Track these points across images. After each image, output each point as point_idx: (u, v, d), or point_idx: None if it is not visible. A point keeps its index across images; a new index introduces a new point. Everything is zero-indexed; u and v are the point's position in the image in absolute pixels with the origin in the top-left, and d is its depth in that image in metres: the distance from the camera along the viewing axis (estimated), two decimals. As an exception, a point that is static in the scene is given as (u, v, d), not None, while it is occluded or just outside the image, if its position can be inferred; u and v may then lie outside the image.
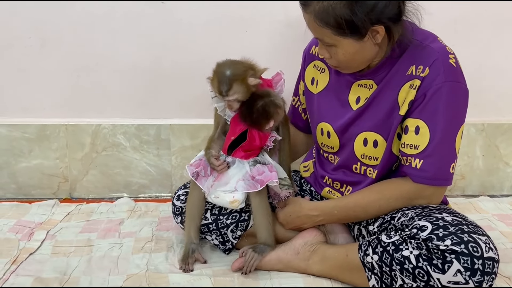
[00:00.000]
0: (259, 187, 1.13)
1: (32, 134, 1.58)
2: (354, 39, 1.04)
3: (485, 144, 1.64)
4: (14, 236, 1.33)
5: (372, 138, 1.13)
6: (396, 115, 1.10)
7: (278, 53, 1.51)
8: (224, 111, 1.17)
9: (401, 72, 1.09)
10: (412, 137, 1.07)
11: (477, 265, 0.94)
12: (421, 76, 1.06)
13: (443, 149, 1.07)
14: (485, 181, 1.66)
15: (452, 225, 0.98)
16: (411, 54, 1.09)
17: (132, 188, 1.63)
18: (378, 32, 1.04)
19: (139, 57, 1.55)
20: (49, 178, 1.61)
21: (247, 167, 1.16)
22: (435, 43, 1.09)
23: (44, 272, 1.17)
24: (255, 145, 1.16)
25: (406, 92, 1.08)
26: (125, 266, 1.19)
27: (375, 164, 1.15)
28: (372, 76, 1.13)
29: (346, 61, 1.08)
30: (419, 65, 1.07)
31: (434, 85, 1.04)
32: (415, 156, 1.07)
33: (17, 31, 1.52)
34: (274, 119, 1.13)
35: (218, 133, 1.20)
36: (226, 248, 1.25)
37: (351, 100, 1.17)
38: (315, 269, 1.14)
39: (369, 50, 1.07)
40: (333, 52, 1.08)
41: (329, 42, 1.06)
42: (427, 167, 1.06)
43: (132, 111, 1.60)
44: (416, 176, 1.07)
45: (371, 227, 1.15)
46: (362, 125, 1.14)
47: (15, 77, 1.56)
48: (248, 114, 1.12)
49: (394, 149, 1.12)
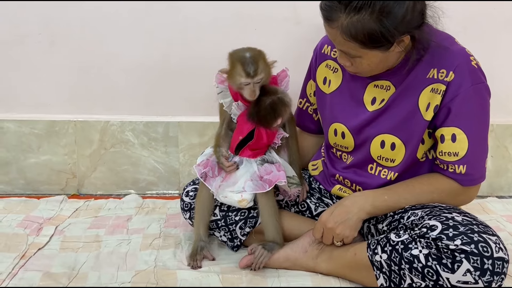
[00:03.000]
0: (268, 188, 1.13)
1: (41, 130, 1.59)
2: (381, 50, 1.03)
3: (494, 145, 1.63)
4: (22, 231, 1.33)
5: (390, 141, 1.13)
6: (419, 120, 1.10)
7: (287, 51, 1.50)
8: (230, 107, 1.16)
9: (421, 75, 1.09)
10: (450, 145, 1.08)
11: (486, 265, 0.94)
12: (445, 81, 1.06)
13: (481, 150, 1.10)
14: (494, 182, 1.65)
15: (462, 224, 0.98)
16: (431, 56, 1.08)
17: (140, 185, 1.63)
18: (404, 41, 1.03)
19: (147, 54, 1.55)
20: (58, 174, 1.61)
21: (255, 166, 1.16)
22: (454, 45, 1.09)
23: (52, 267, 1.17)
24: (262, 143, 1.16)
25: (428, 97, 1.08)
26: (133, 262, 1.20)
27: (391, 165, 1.15)
28: (389, 77, 1.13)
29: (369, 70, 1.08)
30: (441, 68, 1.07)
31: (463, 91, 1.05)
32: (457, 163, 1.08)
33: (27, 28, 1.53)
34: (282, 117, 1.13)
35: (225, 129, 1.19)
36: (235, 245, 1.25)
37: (366, 100, 1.16)
38: (323, 268, 1.14)
39: (393, 58, 1.07)
40: (358, 62, 1.07)
41: (355, 54, 1.05)
42: (472, 171, 1.09)
43: (141, 108, 1.60)
44: (464, 180, 1.10)
45: (381, 225, 1.15)
46: (379, 127, 1.14)
47: (25, 73, 1.57)
48: (256, 112, 1.12)
49: (418, 154, 1.13)
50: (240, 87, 1.11)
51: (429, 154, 1.15)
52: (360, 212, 1.10)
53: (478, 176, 1.11)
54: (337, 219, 1.09)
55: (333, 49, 1.21)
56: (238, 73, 1.09)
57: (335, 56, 1.21)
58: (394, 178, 1.15)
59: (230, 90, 1.16)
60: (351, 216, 1.09)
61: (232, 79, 1.12)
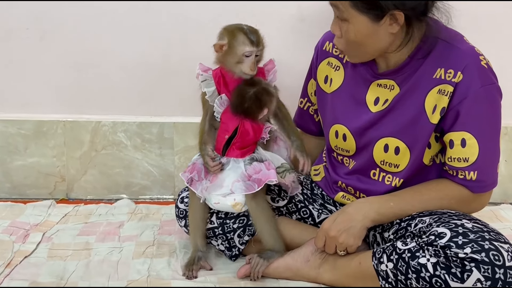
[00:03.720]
0: (257, 188, 1.09)
1: (29, 130, 1.57)
2: (370, 18, 1.00)
3: (507, 148, 1.60)
4: (8, 237, 1.31)
5: (394, 145, 1.10)
6: (425, 123, 1.07)
7: (290, 48, 1.49)
8: (212, 97, 1.14)
9: (427, 75, 1.06)
10: (459, 151, 1.05)
11: (498, 274, 0.91)
12: (453, 82, 1.03)
13: (492, 155, 1.08)
14: (508, 188, 1.63)
15: (472, 232, 0.96)
16: (438, 55, 1.05)
17: (132, 189, 1.61)
18: (397, 19, 1.00)
19: (141, 51, 1.53)
20: (45, 177, 1.59)
21: (242, 166, 1.12)
22: (463, 44, 1.06)
23: (40, 276, 1.14)
24: (249, 140, 1.13)
25: (435, 98, 1.05)
26: (125, 272, 1.17)
27: (395, 171, 1.12)
28: (393, 76, 1.10)
29: (356, 42, 1.04)
30: (449, 68, 1.04)
31: (472, 93, 1.02)
32: (468, 169, 1.05)
33: (14, 21, 1.51)
34: (267, 107, 1.11)
35: (208, 123, 1.16)
36: (233, 254, 1.21)
37: (369, 100, 1.13)
38: (326, 278, 1.11)
39: (382, 38, 1.03)
40: (345, 29, 1.04)
41: (344, 14, 1.02)
42: (483, 177, 1.06)
43: (134, 108, 1.58)
44: (475, 186, 1.07)
45: (387, 233, 1.12)
46: (383, 130, 1.11)
47: (12, 70, 1.55)
48: (240, 104, 1.09)
49: (425, 159, 1.11)
50: (240, 60, 1.09)
51: (436, 158, 1.12)
52: (365, 219, 1.07)
53: (490, 183, 1.08)
54: (340, 227, 1.06)
55: (335, 47, 1.18)
56: (241, 42, 1.08)
57: (337, 53, 1.19)
58: (399, 184, 1.12)
59: (215, 80, 1.13)
60: (355, 224, 1.06)
61: (231, 51, 1.10)
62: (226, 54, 1.10)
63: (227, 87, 1.13)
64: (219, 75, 1.13)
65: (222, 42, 1.11)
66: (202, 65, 1.15)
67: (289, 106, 1.20)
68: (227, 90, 1.13)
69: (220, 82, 1.13)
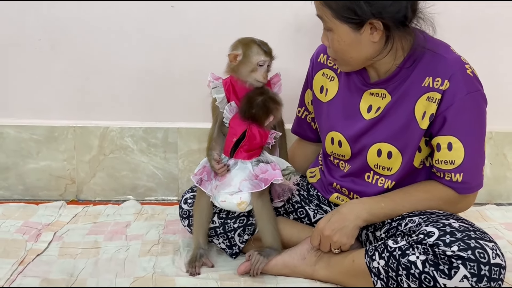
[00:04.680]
0: (264, 186, 1.13)
1: (41, 135, 1.60)
2: (351, 27, 1.04)
3: (492, 152, 1.63)
4: (21, 237, 1.33)
5: (386, 149, 1.13)
6: (415, 129, 1.10)
7: (288, 57, 1.48)
8: (222, 103, 1.18)
9: (416, 83, 1.09)
10: (446, 154, 1.08)
11: (483, 271, 0.94)
12: (440, 89, 1.06)
13: (477, 158, 1.10)
14: (493, 189, 1.65)
15: (459, 231, 0.98)
16: (426, 64, 1.09)
17: (138, 191, 1.64)
18: (376, 28, 1.04)
19: (147, 60, 1.56)
20: (57, 180, 1.62)
21: (250, 166, 1.17)
22: (450, 54, 1.09)
23: (51, 273, 1.17)
24: (256, 144, 1.17)
25: (424, 105, 1.08)
26: (132, 269, 1.19)
27: (388, 174, 1.15)
28: (384, 85, 1.13)
29: (341, 51, 1.08)
30: (436, 77, 1.07)
31: (458, 99, 1.05)
32: (454, 171, 1.08)
33: (27, 32, 1.54)
34: (273, 115, 1.16)
35: (217, 130, 1.21)
36: (233, 252, 1.25)
37: (362, 108, 1.16)
38: (321, 275, 1.14)
39: (365, 47, 1.07)
40: (331, 38, 1.08)
41: (328, 24, 1.07)
42: (468, 179, 1.09)
43: (140, 114, 1.61)
44: (461, 188, 1.10)
45: (379, 232, 1.15)
46: (376, 136, 1.14)
47: (25, 78, 1.58)
48: (248, 109, 1.15)
49: (415, 162, 1.13)
50: (254, 69, 1.15)
51: (426, 161, 1.15)
52: (357, 219, 1.10)
53: (475, 184, 1.11)
54: (334, 227, 1.09)
55: (329, 58, 1.22)
56: (256, 52, 1.15)
57: (331, 65, 1.22)
58: (391, 186, 1.15)
59: (224, 87, 1.18)
60: (348, 223, 1.09)
61: (246, 60, 1.15)
62: (240, 63, 1.16)
63: (236, 95, 1.18)
64: (229, 83, 1.18)
65: (237, 52, 1.16)
66: (214, 74, 1.20)
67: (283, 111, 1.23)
68: (237, 97, 1.17)
69: (230, 90, 1.18)
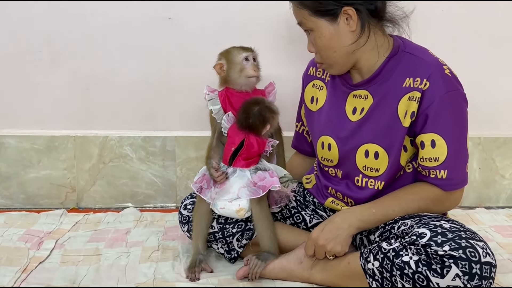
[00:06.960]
0: (262, 193, 1.15)
1: (41, 145, 1.61)
2: (327, 20, 1.09)
3: (481, 157, 1.67)
4: (24, 245, 1.34)
5: (373, 150, 1.16)
6: (399, 128, 1.13)
7: (282, 68, 1.54)
8: (219, 114, 1.21)
9: (397, 84, 1.13)
10: (430, 151, 1.11)
11: (475, 269, 0.96)
12: (420, 88, 1.10)
13: (460, 154, 1.12)
14: (482, 193, 1.68)
15: (450, 231, 1.01)
16: (405, 66, 1.13)
17: (138, 198, 1.65)
18: (350, 15, 1.09)
19: (146, 71, 1.59)
20: (57, 188, 1.63)
21: (248, 174, 1.19)
22: (428, 56, 1.13)
23: (54, 281, 1.17)
24: (254, 152, 1.19)
25: (406, 104, 1.12)
26: (133, 275, 1.20)
27: (376, 175, 1.17)
28: (365, 86, 1.17)
29: (324, 47, 1.12)
30: (416, 77, 1.11)
31: (438, 98, 1.08)
32: (438, 168, 1.11)
33: (28, 45, 1.57)
34: (270, 123, 1.18)
35: (216, 140, 1.23)
36: (232, 257, 1.26)
37: (348, 110, 1.20)
38: (318, 278, 1.16)
39: (344, 37, 1.10)
40: (313, 38, 1.13)
41: (307, 25, 1.11)
42: (452, 175, 1.11)
43: (139, 123, 1.63)
44: (445, 185, 1.12)
45: (373, 236, 1.17)
46: (362, 137, 1.17)
47: (26, 90, 1.60)
48: (245, 120, 1.17)
49: (402, 162, 1.16)
50: (242, 66, 1.18)
51: (415, 164, 1.18)
52: (350, 228, 1.11)
53: (460, 181, 1.13)
54: (327, 236, 1.11)
55: (318, 70, 1.27)
56: (236, 52, 1.20)
57: (320, 75, 1.27)
58: (381, 187, 1.17)
59: (220, 99, 1.21)
60: (341, 232, 1.11)
61: (231, 64, 1.19)
62: (228, 70, 1.20)
63: (232, 106, 1.20)
64: (224, 95, 1.22)
65: (220, 61, 1.20)
66: (209, 87, 1.23)
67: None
68: (233, 108, 1.20)
69: (226, 101, 1.21)
